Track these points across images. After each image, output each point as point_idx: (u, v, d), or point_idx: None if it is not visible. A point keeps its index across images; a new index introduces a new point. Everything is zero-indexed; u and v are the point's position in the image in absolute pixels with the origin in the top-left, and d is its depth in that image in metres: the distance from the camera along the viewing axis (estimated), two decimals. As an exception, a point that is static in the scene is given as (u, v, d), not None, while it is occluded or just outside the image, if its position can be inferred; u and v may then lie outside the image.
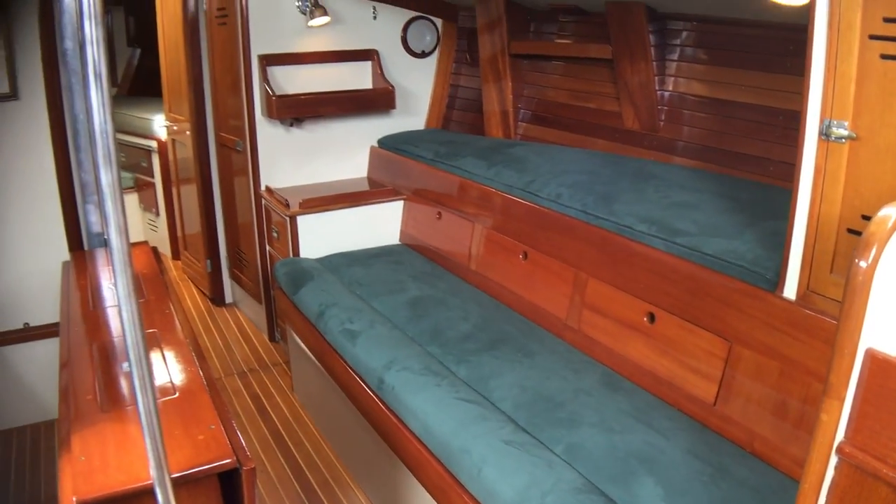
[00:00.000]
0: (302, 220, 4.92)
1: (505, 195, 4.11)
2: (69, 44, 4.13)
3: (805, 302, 2.52)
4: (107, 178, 1.56)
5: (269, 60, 5.24)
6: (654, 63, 4.02)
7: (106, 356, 2.89)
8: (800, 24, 2.42)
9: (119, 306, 1.65)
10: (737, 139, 3.72)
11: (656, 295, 3.13)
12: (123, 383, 2.68)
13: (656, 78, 4.05)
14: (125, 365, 2.78)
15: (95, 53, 1.48)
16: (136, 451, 2.14)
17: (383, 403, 3.29)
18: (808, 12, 2.28)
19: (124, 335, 1.67)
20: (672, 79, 4.06)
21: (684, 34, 3.97)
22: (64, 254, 4.61)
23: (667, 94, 4.08)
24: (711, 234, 2.98)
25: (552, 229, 3.74)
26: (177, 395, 2.53)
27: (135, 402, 2.43)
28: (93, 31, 1.47)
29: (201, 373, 2.70)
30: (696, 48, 3.94)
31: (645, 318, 3.16)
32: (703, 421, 2.87)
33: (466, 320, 3.76)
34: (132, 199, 8.21)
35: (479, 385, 3.17)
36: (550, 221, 3.75)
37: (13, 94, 4.44)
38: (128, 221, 1.63)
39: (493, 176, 4.24)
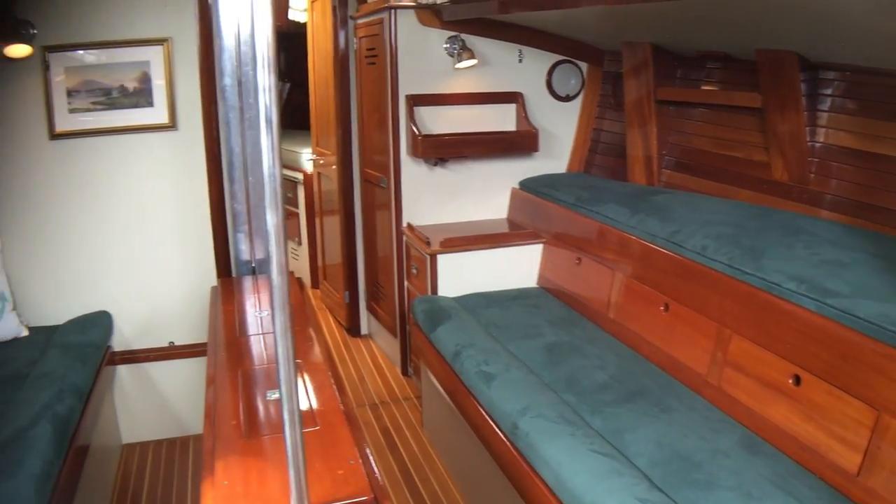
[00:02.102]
0: (442, 259, 5.00)
1: (647, 244, 4.06)
2: (228, 80, 4.33)
3: (960, 374, 2.40)
4: (272, 219, 1.64)
5: (416, 100, 5.36)
6: (806, 113, 3.91)
7: (250, 383, 2.98)
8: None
9: (275, 342, 1.72)
10: (892, 195, 3.57)
11: (803, 357, 3.02)
12: (266, 412, 2.76)
13: (807, 128, 3.94)
14: (270, 394, 2.87)
15: (268, 100, 1.55)
16: (276, 481, 2.21)
17: (516, 449, 3.27)
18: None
19: (277, 370, 1.74)
20: (823, 130, 3.93)
21: (837, 84, 3.84)
22: (212, 278, 4.81)
23: (817, 145, 3.95)
24: (864, 295, 2.86)
25: (696, 282, 3.67)
26: (318, 427, 2.59)
27: (277, 432, 2.51)
28: (266, 80, 1.54)
29: (342, 406, 2.76)
30: (850, 99, 3.80)
31: (790, 381, 3.05)
32: (846, 492, 2.73)
33: (603, 370, 3.72)
34: (277, 228, 8.47)
35: (614, 438, 3.13)
36: (694, 274, 3.68)
37: (172, 125, 4.72)
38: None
39: (635, 224, 4.19)
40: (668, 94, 4.86)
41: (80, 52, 4.55)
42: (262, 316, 3.79)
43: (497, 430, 3.47)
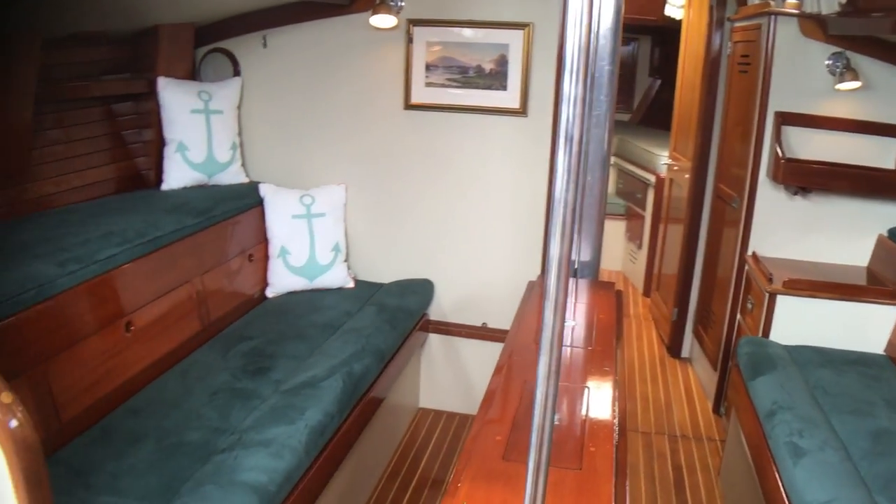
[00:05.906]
0: (781, 300, 4.44)
1: None
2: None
3: None
4: (556, 250, 1.37)
5: (785, 118, 4.83)
6: None
7: (531, 400, 2.83)
8: None
9: (536, 385, 1.48)
10: None
11: None
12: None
13: None
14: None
15: (571, 113, 1.31)
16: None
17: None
18: None
19: (533, 412, 1.50)
20: None
21: None
22: (534, 270, 4.79)
23: None
24: None
25: None
26: (580, 469, 2.38)
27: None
28: (572, 90, 1.30)
29: (616, 454, 2.51)
30: None
31: None
32: None
33: (933, 475, 3.07)
34: (619, 227, 8.37)
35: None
36: None
37: (522, 112, 4.76)
38: (602, 252, 1.44)
39: None
40: None
41: (443, 28, 4.70)
42: (568, 325, 3.62)
43: (792, 516, 3.00)
